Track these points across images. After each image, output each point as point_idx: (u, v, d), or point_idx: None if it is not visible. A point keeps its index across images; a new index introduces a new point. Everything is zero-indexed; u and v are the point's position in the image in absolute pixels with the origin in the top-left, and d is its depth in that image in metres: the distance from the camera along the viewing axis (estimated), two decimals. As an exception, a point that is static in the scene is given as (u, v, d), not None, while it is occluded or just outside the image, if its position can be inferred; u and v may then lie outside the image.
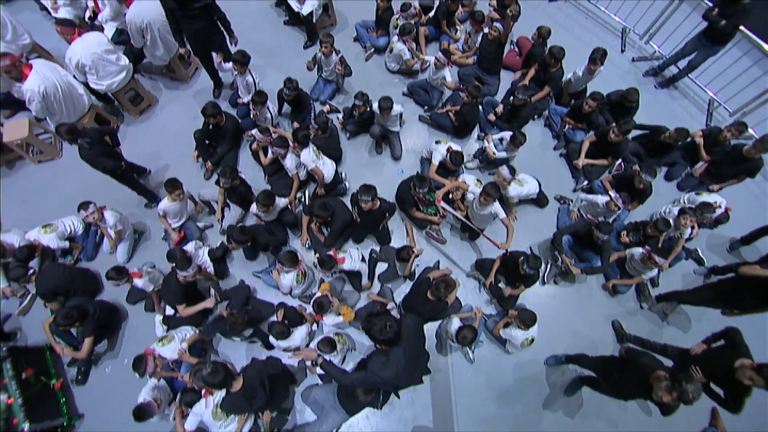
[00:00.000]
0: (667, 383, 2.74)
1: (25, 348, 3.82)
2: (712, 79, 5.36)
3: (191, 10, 3.98)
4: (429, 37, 5.57)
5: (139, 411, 3.20)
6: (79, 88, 4.41)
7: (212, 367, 2.91)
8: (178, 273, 3.62)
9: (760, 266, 3.46)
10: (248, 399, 3.14)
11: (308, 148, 4.22)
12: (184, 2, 3.89)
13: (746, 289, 3.60)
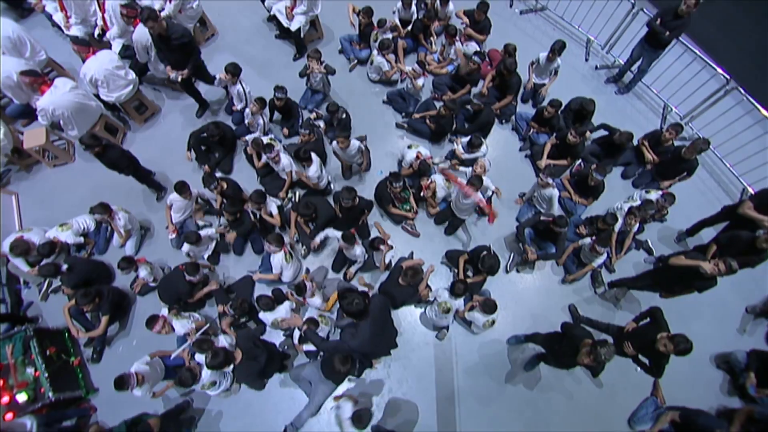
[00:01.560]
0: (587, 348, 3.28)
1: (47, 329, 4.35)
2: (666, 84, 5.87)
3: (170, 44, 4.52)
4: (407, 49, 6.09)
5: (119, 380, 3.59)
6: (92, 102, 4.95)
7: (212, 353, 3.46)
8: (187, 277, 4.18)
9: (684, 257, 3.99)
10: (253, 358, 3.69)
11: (314, 164, 4.74)
12: (161, 38, 4.43)
13: (675, 276, 4.13)
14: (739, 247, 4.17)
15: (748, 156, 5.38)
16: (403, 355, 4.63)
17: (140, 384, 3.67)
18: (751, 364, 4.46)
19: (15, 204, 5.11)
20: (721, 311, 5.06)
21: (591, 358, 3.24)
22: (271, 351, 4.05)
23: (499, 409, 4.48)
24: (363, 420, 3.49)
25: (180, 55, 4.70)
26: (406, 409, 4.42)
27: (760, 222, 4.31)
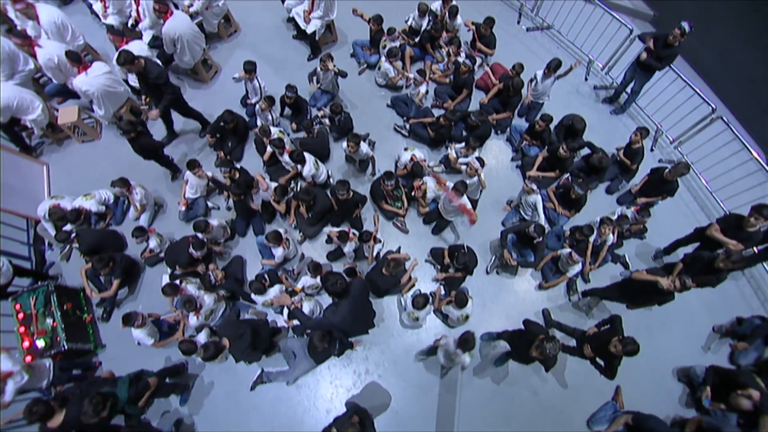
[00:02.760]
0: (537, 342, 3.62)
1: (66, 287, 4.88)
2: (659, 107, 6.11)
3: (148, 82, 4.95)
4: (414, 57, 6.46)
5: (126, 316, 4.14)
6: (121, 86, 5.46)
7: (203, 348, 3.90)
8: (192, 252, 4.66)
9: (646, 272, 4.29)
10: (239, 337, 4.13)
11: (308, 163, 5.15)
12: (140, 75, 4.89)
13: (638, 289, 4.42)
14: (700, 266, 4.43)
15: (732, 182, 5.60)
16: (383, 340, 5.03)
17: (142, 325, 4.15)
18: (709, 379, 4.71)
19: (45, 173, 5.66)
20: (689, 328, 5.31)
21: (538, 352, 3.59)
22: (255, 326, 4.46)
23: (466, 399, 4.82)
24: (469, 342, 4.01)
25: (157, 91, 5.16)
26: (380, 390, 4.81)
27: (725, 244, 4.57)
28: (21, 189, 5.25)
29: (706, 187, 5.89)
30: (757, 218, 4.30)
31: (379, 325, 5.07)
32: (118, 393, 3.67)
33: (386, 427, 4.61)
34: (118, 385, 3.74)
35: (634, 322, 5.24)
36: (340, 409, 4.63)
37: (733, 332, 5.19)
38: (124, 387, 3.77)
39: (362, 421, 3.39)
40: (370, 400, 4.73)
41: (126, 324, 4.15)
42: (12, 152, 5.39)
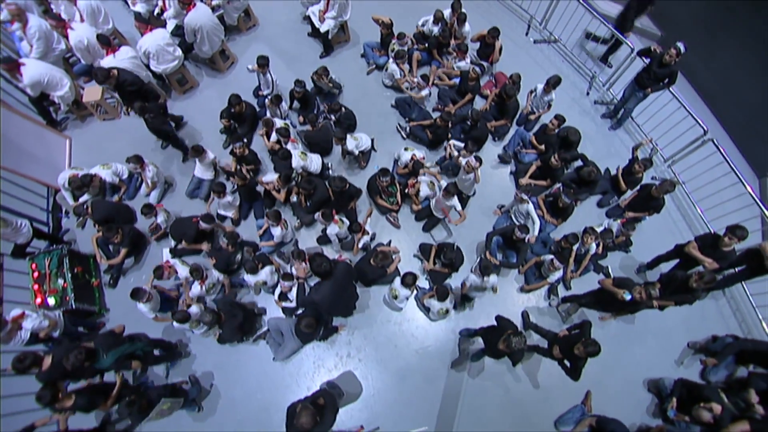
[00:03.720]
0: (504, 336, 3.86)
1: (78, 252, 5.27)
2: (657, 125, 6.25)
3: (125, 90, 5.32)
4: (421, 61, 6.71)
5: (135, 291, 4.47)
6: (143, 71, 5.85)
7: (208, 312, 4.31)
8: (201, 224, 5.02)
9: (612, 282, 4.50)
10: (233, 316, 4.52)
11: (294, 156, 5.46)
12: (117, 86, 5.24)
13: (609, 297, 4.62)
14: (675, 285, 4.61)
15: (720, 202, 5.72)
16: (367, 327, 5.31)
17: (148, 301, 4.52)
18: (676, 391, 4.88)
19: (68, 146, 6.09)
20: (665, 342, 5.47)
21: (505, 345, 3.83)
22: (246, 310, 4.85)
23: (440, 389, 5.06)
24: (488, 268, 4.68)
25: (136, 97, 5.49)
26: (359, 374, 5.09)
27: (701, 261, 4.74)
28: (44, 159, 5.67)
29: (695, 206, 6.02)
30: (731, 238, 4.46)
31: (364, 311, 5.37)
32: (103, 360, 4.05)
33: (360, 411, 4.93)
34: (108, 355, 4.08)
35: (614, 331, 5.46)
36: (322, 378, 4.99)
37: (707, 349, 5.33)
38: (111, 359, 4.10)
39: (325, 404, 3.66)
40: (347, 383, 5.01)
41: (134, 298, 4.48)
42: (39, 124, 5.83)
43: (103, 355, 4.05)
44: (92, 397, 4.00)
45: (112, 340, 4.18)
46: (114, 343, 4.20)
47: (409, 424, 4.89)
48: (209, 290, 4.88)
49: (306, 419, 3.24)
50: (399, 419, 4.92)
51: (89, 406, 3.98)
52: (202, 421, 4.82)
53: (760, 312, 5.46)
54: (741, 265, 5.08)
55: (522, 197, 5.43)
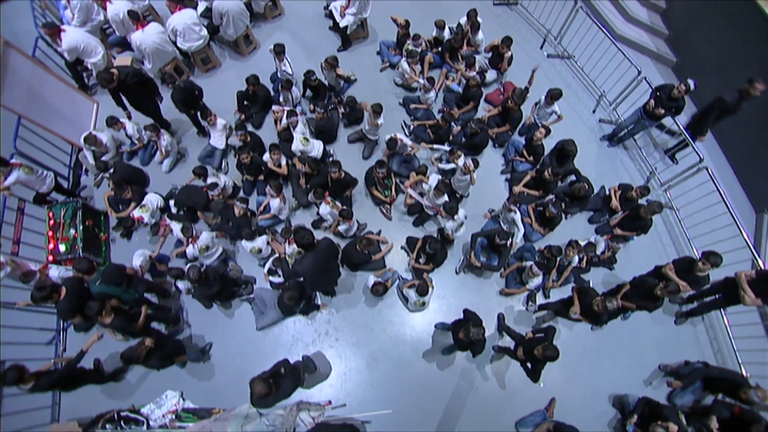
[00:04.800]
0: (464, 327, 4.07)
1: (91, 208, 5.72)
2: (655, 148, 6.33)
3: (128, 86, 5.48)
4: (433, 64, 6.94)
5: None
6: (169, 47, 6.27)
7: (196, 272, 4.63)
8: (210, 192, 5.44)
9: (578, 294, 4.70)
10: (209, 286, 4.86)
11: (295, 140, 5.76)
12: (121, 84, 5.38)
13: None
14: (643, 290, 4.73)
15: (712, 230, 5.72)
16: (347, 309, 5.59)
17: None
18: (638, 408, 4.98)
19: (95, 110, 6.57)
20: (636, 360, 5.55)
21: (464, 334, 4.05)
22: (226, 284, 5.15)
23: (410, 376, 5.29)
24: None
25: (141, 91, 5.68)
26: (334, 352, 5.38)
27: (676, 283, 4.83)
28: (72, 119, 6.14)
29: (686, 232, 6.06)
30: (704, 263, 4.56)
31: (348, 293, 5.66)
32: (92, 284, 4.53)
33: (330, 387, 5.22)
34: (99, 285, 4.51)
35: (586, 344, 5.59)
36: (299, 353, 5.28)
37: (677, 373, 5.40)
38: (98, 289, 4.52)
39: (285, 374, 3.97)
40: (321, 359, 5.31)
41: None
42: (71, 87, 6.32)
43: (96, 281, 4.47)
44: (127, 321, 4.53)
45: (115, 275, 4.58)
46: (113, 279, 4.59)
47: (375, 406, 5.13)
48: (202, 251, 5.22)
49: (259, 388, 3.59)
50: (366, 400, 5.17)
51: (124, 327, 4.52)
52: (182, 380, 5.16)
53: (737, 343, 5.48)
54: (718, 293, 5.15)
55: (510, 207, 5.60)
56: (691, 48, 6.98)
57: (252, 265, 5.75)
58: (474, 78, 6.27)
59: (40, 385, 4.05)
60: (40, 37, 6.26)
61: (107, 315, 4.35)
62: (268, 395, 3.62)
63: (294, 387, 3.98)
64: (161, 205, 5.66)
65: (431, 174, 6.00)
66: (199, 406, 5.00)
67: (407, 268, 5.79)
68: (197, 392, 5.10)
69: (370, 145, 6.40)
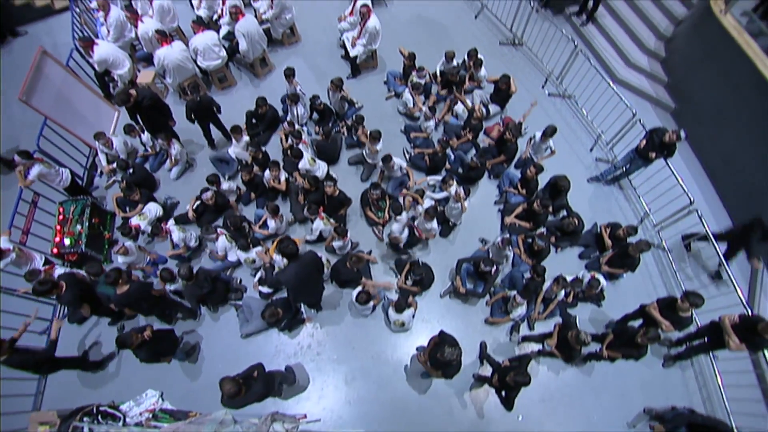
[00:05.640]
0: (440, 347, 4.14)
1: (99, 207, 6.05)
2: (651, 188, 6.36)
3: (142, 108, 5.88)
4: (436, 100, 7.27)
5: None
6: (190, 64, 6.76)
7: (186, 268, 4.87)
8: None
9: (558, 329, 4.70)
10: (200, 286, 5.03)
11: (304, 158, 6.04)
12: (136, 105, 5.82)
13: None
14: (625, 339, 4.71)
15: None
16: (331, 325, 5.68)
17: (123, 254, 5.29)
18: (618, 450, 4.87)
19: (115, 118, 7.05)
20: (620, 401, 5.42)
21: (440, 354, 4.13)
22: (218, 289, 5.35)
23: (386, 397, 5.28)
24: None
25: (155, 114, 6.06)
26: (314, 366, 5.44)
27: (659, 323, 4.81)
28: (94, 124, 6.59)
29: (677, 274, 6.04)
30: (683, 301, 4.55)
31: (334, 309, 5.76)
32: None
33: (307, 400, 5.27)
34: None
35: (570, 380, 5.50)
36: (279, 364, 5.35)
37: (662, 417, 5.25)
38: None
39: (257, 377, 4.08)
40: (301, 372, 5.37)
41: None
42: (97, 94, 6.82)
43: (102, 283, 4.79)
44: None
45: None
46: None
47: (350, 424, 5.14)
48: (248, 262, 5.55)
49: (228, 387, 3.71)
50: (341, 417, 5.19)
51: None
52: (164, 380, 5.26)
53: (727, 392, 5.33)
54: (704, 337, 5.08)
55: (502, 246, 5.67)
56: (688, 96, 7.15)
57: (245, 274, 5.94)
58: (479, 110, 6.53)
59: (13, 360, 4.26)
60: (76, 48, 6.82)
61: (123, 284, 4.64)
62: (237, 395, 3.71)
63: (265, 392, 4.06)
64: (160, 214, 5.88)
65: (426, 198, 6.19)
66: (177, 408, 5.07)
67: (395, 290, 5.88)
68: (177, 393, 5.18)
69: (369, 168, 6.65)
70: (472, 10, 8.87)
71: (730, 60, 6.21)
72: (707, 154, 6.94)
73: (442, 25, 8.63)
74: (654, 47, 7.68)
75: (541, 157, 6.53)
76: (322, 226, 5.71)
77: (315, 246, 6.10)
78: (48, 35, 8.54)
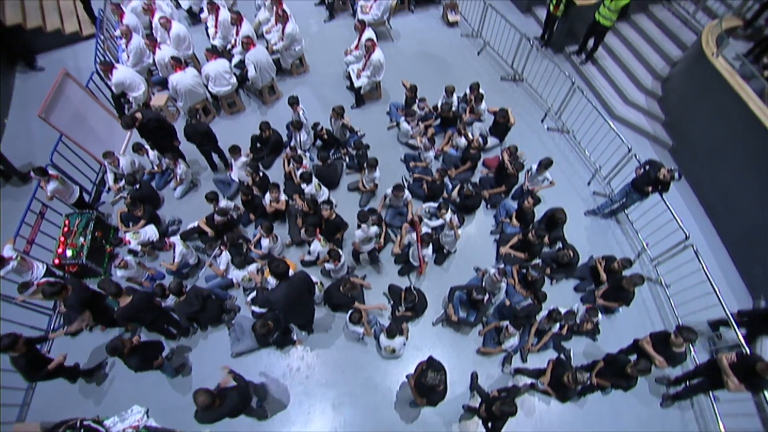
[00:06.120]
0: (424, 371, 4.10)
1: (104, 222, 6.23)
2: (647, 223, 6.37)
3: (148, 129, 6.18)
4: (435, 132, 7.49)
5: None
6: (201, 89, 7.10)
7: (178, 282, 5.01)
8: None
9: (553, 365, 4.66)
10: (189, 304, 5.12)
11: (311, 184, 6.22)
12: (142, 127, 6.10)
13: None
14: (615, 368, 4.61)
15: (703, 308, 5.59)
16: (322, 348, 5.66)
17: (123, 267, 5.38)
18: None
19: (127, 137, 7.36)
20: (615, 442, 5.25)
21: (424, 378, 4.10)
22: (208, 308, 5.39)
23: (373, 424, 5.18)
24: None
25: (160, 134, 6.33)
26: (302, 389, 5.38)
27: (652, 358, 4.71)
28: (107, 142, 6.88)
29: (675, 310, 5.94)
30: (677, 336, 4.48)
31: (325, 333, 5.75)
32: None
33: (293, 424, 5.19)
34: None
35: (562, 416, 5.36)
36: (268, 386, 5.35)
37: (659, 461, 5.06)
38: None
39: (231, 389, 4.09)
40: (284, 393, 5.34)
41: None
42: (112, 115, 7.16)
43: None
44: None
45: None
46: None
47: (333, 451, 5.03)
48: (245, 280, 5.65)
49: (202, 398, 3.70)
50: (325, 443, 5.08)
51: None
52: (150, 397, 5.23)
53: (729, 437, 5.12)
54: (702, 376, 4.95)
55: (497, 278, 5.67)
56: (685, 134, 7.26)
57: (239, 294, 6.00)
58: (477, 140, 6.70)
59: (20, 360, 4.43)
60: (96, 72, 7.22)
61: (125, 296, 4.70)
62: (211, 406, 3.71)
63: (240, 404, 4.06)
64: (154, 239, 5.93)
65: (423, 226, 6.26)
66: (161, 426, 5.01)
67: (388, 315, 5.86)
68: (162, 411, 5.13)
69: (367, 195, 6.78)
70: (475, 47, 9.24)
71: (723, 100, 6.35)
72: (705, 191, 6.97)
73: (445, 61, 8.98)
74: (651, 86, 7.88)
75: (538, 188, 6.61)
76: (320, 248, 5.79)
77: (311, 267, 6.17)
78: (73, 59, 9.05)
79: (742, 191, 6.35)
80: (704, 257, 5.67)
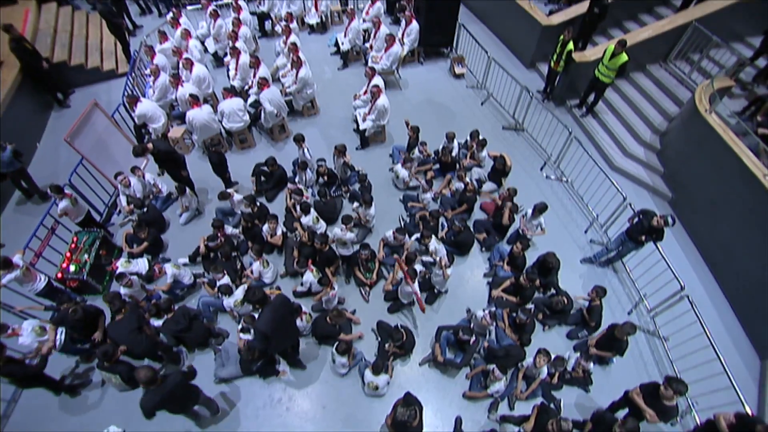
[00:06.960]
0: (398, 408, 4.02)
1: (109, 241, 6.52)
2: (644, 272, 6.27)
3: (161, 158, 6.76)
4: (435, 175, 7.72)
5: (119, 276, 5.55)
6: (215, 124, 7.61)
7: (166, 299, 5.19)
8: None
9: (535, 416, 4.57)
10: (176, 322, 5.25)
11: (309, 215, 6.45)
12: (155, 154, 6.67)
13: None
14: (602, 428, 4.42)
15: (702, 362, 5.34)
16: (304, 381, 5.60)
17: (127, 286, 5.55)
18: None
19: (144, 163, 7.80)
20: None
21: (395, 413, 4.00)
22: (194, 328, 5.45)
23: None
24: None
25: (170, 164, 6.88)
26: (281, 422, 5.29)
27: (642, 410, 4.51)
28: (124, 167, 7.30)
29: (672, 365, 5.71)
30: (666, 388, 4.30)
31: (312, 363, 5.71)
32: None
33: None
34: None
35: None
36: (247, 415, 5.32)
37: None
38: None
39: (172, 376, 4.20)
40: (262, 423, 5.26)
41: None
42: (132, 143, 7.66)
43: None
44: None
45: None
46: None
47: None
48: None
49: (143, 373, 3.92)
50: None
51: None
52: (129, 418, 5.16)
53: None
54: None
55: (487, 321, 5.66)
56: (684, 186, 7.29)
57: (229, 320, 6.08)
58: (472, 183, 6.89)
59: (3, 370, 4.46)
60: (123, 104, 7.84)
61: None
62: (152, 382, 3.94)
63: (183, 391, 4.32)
64: (142, 273, 6.06)
65: (416, 263, 6.32)
66: (135, 450, 4.96)
67: (374, 352, 5.80)
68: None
69: (364, 231, 6.94)
70: (479, 97, 9.68)
71: (718, 154, 6.43)
72: (705, 244, 6.89)
73: (450, 110, 9.41)
74: (650, 140, 8.04)
75: (532, 233, 6.66)
76: (312, 279, 5.88)
77: (303, 299, 6.22)
78: (107, 93, 9.85)
79: (742, 244, 6.27)
80: (706, 311, 5.56)
